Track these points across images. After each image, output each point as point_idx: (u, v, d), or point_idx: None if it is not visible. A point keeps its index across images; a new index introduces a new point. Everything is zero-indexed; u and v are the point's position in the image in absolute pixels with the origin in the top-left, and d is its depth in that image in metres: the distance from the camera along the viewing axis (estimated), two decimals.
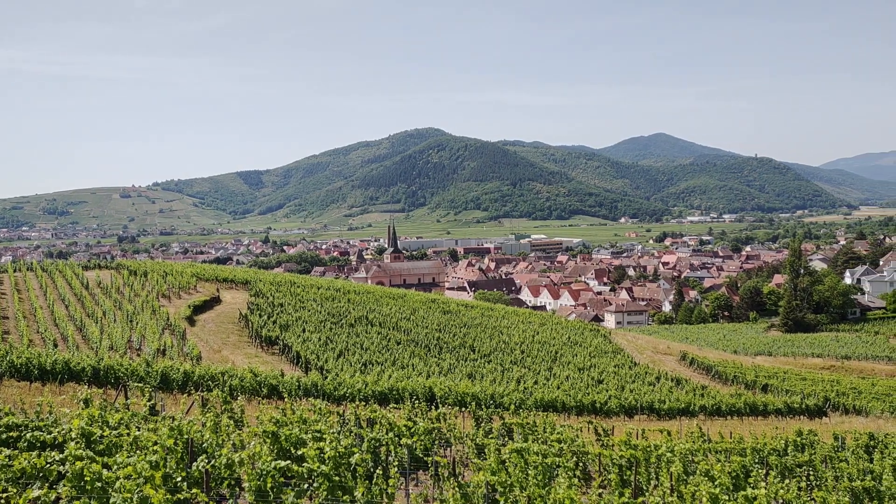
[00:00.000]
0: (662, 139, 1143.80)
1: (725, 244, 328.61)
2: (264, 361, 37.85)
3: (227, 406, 18.17)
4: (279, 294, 56.19)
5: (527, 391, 36.49)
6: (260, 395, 27.49)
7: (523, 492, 10.60)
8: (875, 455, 22.14)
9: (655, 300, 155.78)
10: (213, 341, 41.34)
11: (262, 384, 27.95)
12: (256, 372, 28.68)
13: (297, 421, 14.26)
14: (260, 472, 9.49)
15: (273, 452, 11.60)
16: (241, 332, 44.61)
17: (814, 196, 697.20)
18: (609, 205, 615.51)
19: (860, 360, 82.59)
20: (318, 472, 9.58)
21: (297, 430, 12.28)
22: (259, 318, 46.06)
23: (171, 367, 27.28)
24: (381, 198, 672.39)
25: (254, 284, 59.31)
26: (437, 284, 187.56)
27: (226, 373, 28.00)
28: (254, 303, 51.53)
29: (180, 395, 26.29)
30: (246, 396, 26.95)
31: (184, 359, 33.71)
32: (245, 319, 46.01)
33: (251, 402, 26.06)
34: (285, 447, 11.55)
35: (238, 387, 27.21)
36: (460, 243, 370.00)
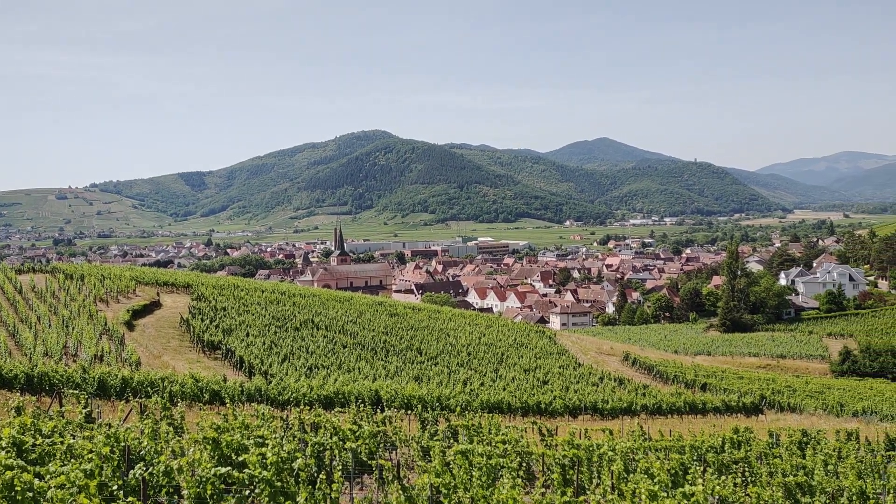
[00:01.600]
0: (606, 143, 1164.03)
1: (666, 247, 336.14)
2: (206, 367, 37.14)
3: (167, 412, 17.79)
4: (222, 298, 55.21)
5: (473, 393, 36.68)
6: (201, 400, 26.97)
7: (467, 493, 10.68)
8: (808, 451, 22.97)
9: (599, 302, 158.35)
10: (153, 346, 40.38)
11: (203, 390, 27.43)
12: (198, 377, 28.14)
13: (239, 427, 14.05)
14: (200, 478, 9.34)
15: (214, 459, 11.42)
16: (182, 337, 43.68)
17: (750, 200, 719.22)
18: (554, 208, 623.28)
19: (795, 359, 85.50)
20: (260, 478, 9.48)
21: (239, 436, 12.11)
22: (201, 322, 45.17)
23: (108, 373, 26.55)
24: (328, 200, 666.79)
25: (196, 288, 58.15)
26: (385, 287, 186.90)
27: (166, 378, 27.40)
28: (196, 307, 50.51)
29: (118, 401, 25.58)
30: (187, 403, 26.40)
31: (122, 365, 32.83)
32: (186, 324, 45.08)
33: (192, 409, 25.55)
34: (226, 453, 11.38)
35: (179, 393, 26.65)
36: (408, 246, 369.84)
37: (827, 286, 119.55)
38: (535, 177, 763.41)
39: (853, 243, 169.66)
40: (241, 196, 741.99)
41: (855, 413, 47.14)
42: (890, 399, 55.72)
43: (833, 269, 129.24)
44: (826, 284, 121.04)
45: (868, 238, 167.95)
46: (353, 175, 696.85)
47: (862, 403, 50.55)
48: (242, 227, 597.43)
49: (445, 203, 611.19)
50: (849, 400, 52.20)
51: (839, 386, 63.16)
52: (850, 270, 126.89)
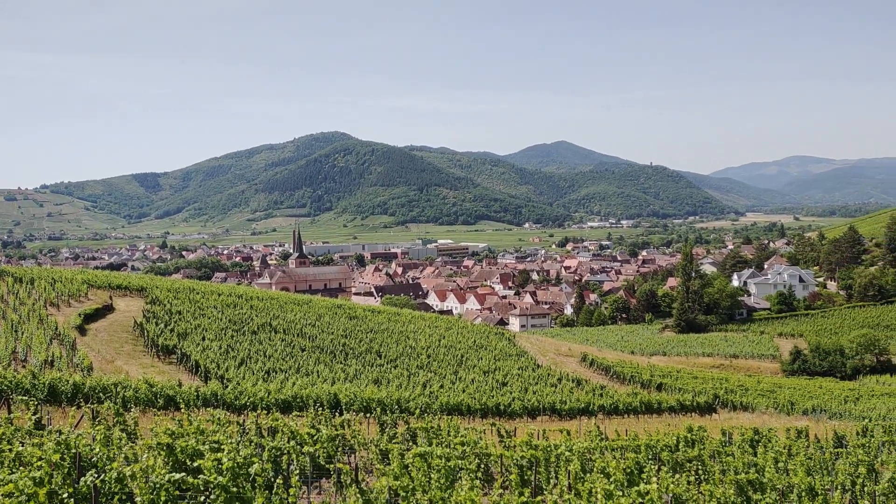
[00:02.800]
0: (564, 147, 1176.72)
1: (623, 249, 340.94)
2: (161, 371, 36.48)
3: (120, 418, 17.44)
4: (177, 301, 54.29)
5: (432, 395, 36.70)
6: (156, 406, 26.49)
7: (425, 495, 10.69)
8: (759, 449, 23.49)
9: (558, 303, 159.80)
10: (105, 351, 39.50)
11: (157, 395, 26.94)
12: (152, 382, 27.63)
13: (195, 432, 13.84)
14: (153, 485, 9.19)
15: (168, 465, 11.24)
16: (136, 342, 42.82)
17: (704, 203, 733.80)
18: (514, 210, 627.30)
19: (747, 358, 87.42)
20: (216, 484, 9.36)
21: (194, 442, 11.94)
22: (155, 326, 44.36)
23: (59, 378, 25.91)
24: (286, 202, 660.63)
25: (150, 291, 57.08)
26: (344, 290, 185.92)
27: (119, 384, 26.84)
28: (150, 310, 49.57)
29: (69, 408, 24.97)
30: (140, 408, 25.90)
31: (74, 370, 32.06)
32: (140, 328, 44.22)
33: (146, 414, 25.08)
34: (181, 459, 11.21)
35: (132, 398, 26.13)
36: (367, 248, 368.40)
37: (778, 287, 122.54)
38: (495, 179, 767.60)
39: (803, 245, 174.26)
40: (196, 198, 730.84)
41: (805, 411, 48.36)
42: (838, 397, 57.30)
43: (784, 270, 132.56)
44: (777, 286, 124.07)
45: (817, 240, 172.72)
46: (311, 177, 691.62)
47: (811, 402, 51.88)
48: (198, 229, 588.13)
49: (405, 205, 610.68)
50: (799, 398, 53.53)
51: (790, 385, 64.71)
52: (800, 272, 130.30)
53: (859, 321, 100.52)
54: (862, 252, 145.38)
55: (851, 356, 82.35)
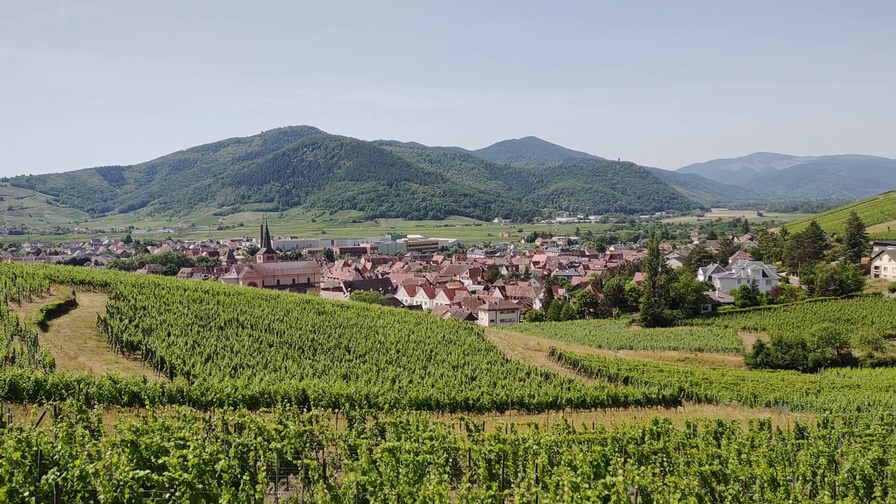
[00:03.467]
0: (533, 142, 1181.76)
1: (591, 244, 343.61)
2: (125, 368, 35.94)
3: (83, 415, 17.16)
4: (142, 297, 53.50)
5: (402, 390, 36.68)
6: (120, 403, 26.11)
7: (394, 490, 10.70)
8: (723, 441, 23.90)
9: (527, 298, 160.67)
10: (68, 347, 38.80)
11: (122, 391, 26.56)
12: (116, 379, 27.22)
13: (160, 429, 13.69)
14: (117, 482, 9.06)
15: (132, 462, 11.10)
16: (99, 338, 42.12)
17: (671, 199, 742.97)
18: (483, 205, 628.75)
19: (711, 352, 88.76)
20: (181, 481, 9.27)
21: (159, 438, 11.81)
22: (120, 321, 43.67)
23: (20, 375, 25.41)
24: (254, 196, 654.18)
25: (114, 287, 56.15)
26: (313, 285, 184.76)
27: (82, 380, 26.40)
28: (114, 306, 48.78)
29: (31, 405, 24.51)
30: (104, 405, 25.51)
31: (35, 366, 31.44)
32: (104, 324, 43.49)
33: (110, 411, 24.71)
34: (146, 456, 11.08)
35: (95, 395, 25.72)
36: (336, 243, 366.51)
37: (742, 282, 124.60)
38: (464, 174, 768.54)
39: (766, 241, 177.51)
40: (162, 192, 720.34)
41: (767, 403, 49.27)
42: (800, 389, 58.49)
43: (747, 265, 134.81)
44: (741, 280, 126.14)
45: (780, 236, 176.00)
46: (279, 171, 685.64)
47: (774, 394, 52.89)
48: (164, 223, 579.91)
49: (375, 200, 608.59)
50: (762, 391, 54.54)
51: (753, 377, 65.87)
52: (763, 267, 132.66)
53: (820, 315, 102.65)
54: (823, 247, 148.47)
55: (813, 349, 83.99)
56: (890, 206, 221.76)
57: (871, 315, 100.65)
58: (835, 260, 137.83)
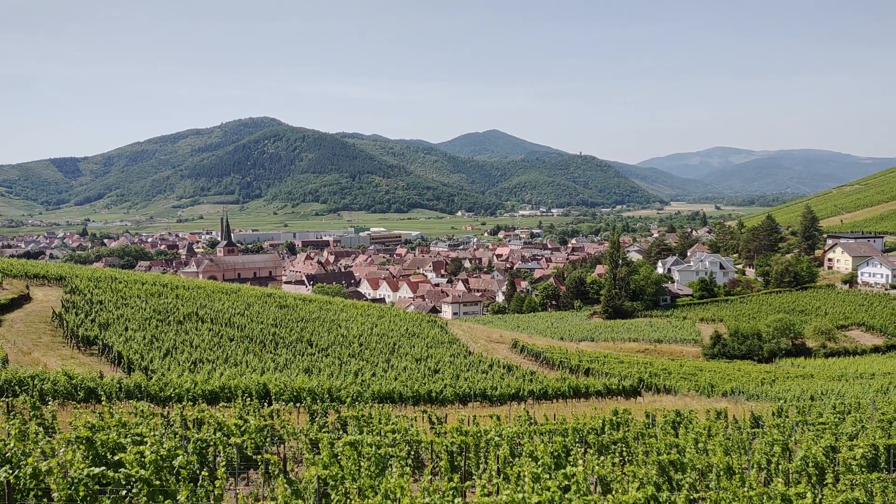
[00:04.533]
0: (496, 136, 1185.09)
1: (554, 237, 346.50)
2: (82, 363, 35.21)
3: (37, 412, 16.78)
4: (98, 291, 52.42)
5: (364, 384, 36.57)
6: (76, 399, 25.60)
7: (355, 483, 10.67)
8: (681, 430, 24.33)
9: (490, 291, 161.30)
10: (22, 343, 37.87)
11: (78, 387, 26.03)
12: (72, 374, 26.66)
13: (116, 425, 13.45)
14: (71, 480, 8.89)
15: (88, 459, 10.89)
16: (54, 333, 41.19)
17: (631, 192, 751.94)
18: (446, 198, 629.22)
19: (670, 343, 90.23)
20: (138, 478, 9.13)
21: (116, 435, 11.61)
22: (75, 316, 42.75)
23: None
24: (214, 189, 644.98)
25: (70, 280, 54.93)
26: (274, 278, 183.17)
27: (36, 376, 25.81)
28: (69, 300, 47.73)
29: None
30: (59, 401, 24.97)
31: None
32: (59, 318, 42.54)
33: (65, 408, 24.20)
34: (101, 453, 10.88)
35: (50, 391, 25.17)
36: (298, 236, 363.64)
37: (700, 274, 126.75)
38: (428, 167, 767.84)
39: (723, 234, 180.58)
40: (119, 184, 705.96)
41: (724, 393, 50.25)
42: (756, 379, 59.74)
43: (705, 258, 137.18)
44: (699, 272, 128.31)
45: (737, 229, 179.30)
46: (240, 163, 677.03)
47: (730, 384, 53.94)
48: (121, 216, 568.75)
49: (337, 193, 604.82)
50: (719, 381, 55.58)
51: (710, 368, 67.10)
52: (720, 259, 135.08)
53: (776, 306, 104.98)
54: (779, 240, 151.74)
55: (768, 340, 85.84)
56: (843, 200, 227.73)
57: (824, 306, 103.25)
58: (789, 252, 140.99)
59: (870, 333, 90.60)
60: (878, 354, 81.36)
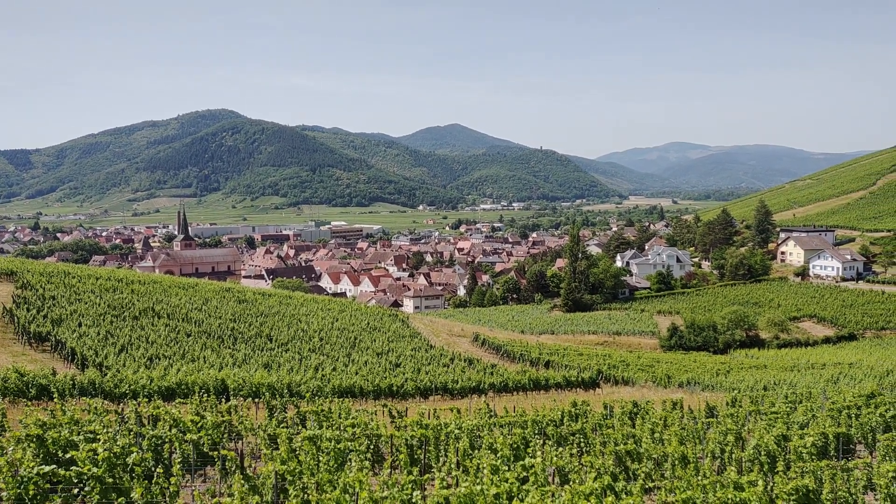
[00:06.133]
0: (458, 130, 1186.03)
1: (515, 231, 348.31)
2: (33, 360, 34.37)
3: None
4: (51, 286, 51.17)
5: (325, 378, 36.39)
6: (27, 396, 25.00)
7: (313, 478, 10.63)
8: (637, 421, 24.74)
9: (451, 285, 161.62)
10: None
11: (29, 384, 25.41)
12: (23, 371, 26.02)
13: (69, 422, 13.17)
14: (21, 479, 8.69)
15: (38, 457, 10.66)
16: (5, 329, 40.11)
17: (591, 186, 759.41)
18: (408, 192, 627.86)
19: (629, 335, 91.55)
20: (90, 476, 8.96)
21: (67, 433, 11.38)
22: (27, 312, 41.69)
23: None
24: (170, 181, 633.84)
25: (21, 275, 53.49)
26: (233, 273, 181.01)
27: None
28: (20, 296, 46.51)
29: None
30: (10, 399, 24.39)
31: None
32: (10, 314, 41.43)
33: (16, 405, 23.64)
34: (53, 451, 10.66)
35: (0, 388, 24.54)
36: (258, 230, 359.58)
37: (657, 267, 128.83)
38: (389, 161, 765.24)
39: (680, 227, 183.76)
40: (72, 176, 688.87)
41: (680, 384, 51.17)
42: (711, 370, 60.95)
43: (663, 251, 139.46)
44: (656, 266, 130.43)
45: (693, 223, 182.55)
46: (197, 156, 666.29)
47: (686, 375, 54.94)
48: (74, 209, 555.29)
49: (297, 186, 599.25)
50: (675, 372, 56.58)
51: (667, 359, 68.25)
52: (677, 252, 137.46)
53: (730, 298, 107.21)
54: (733, 234, 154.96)
55: (723, 332, 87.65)
56: (796, 195, 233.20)
57: (777, 298, 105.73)
58: (744, 246, 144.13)
59: (821, 325, 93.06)
60: (828, 345, 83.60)
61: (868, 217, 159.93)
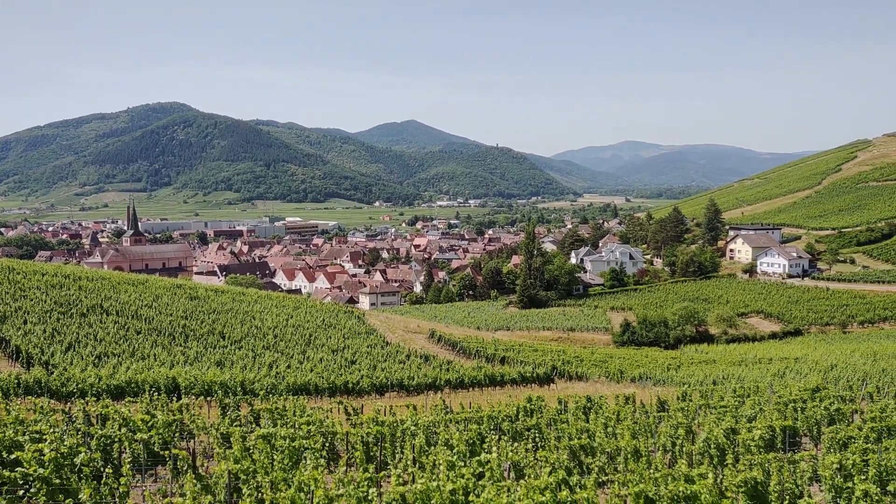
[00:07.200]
0: (414, 126, 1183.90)
1: (471, 228, 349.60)
2: None
3: None
4: None
5: (279, 376, 36.03)
6: None
7: (267, 476, 10.52)
8: (591, 415, 25.05)
9: (408, 281, 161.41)
10: None
11: None
12: None
13: (13, 422, 12.79)
14: None
15: None
16: None
17: (546, 184, 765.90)
18: (364, 188, 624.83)
19: (583, 331, 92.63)
20: (36, 476, 8.72)
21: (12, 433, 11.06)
22: None
23: None
24: (120, 176, 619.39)
25: None
26: (185, 269, 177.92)
27: None
28: None
29: None
30: None
31: None
32: None
33: None
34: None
35: None
36: (210, 226, 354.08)
37: (611, 264, 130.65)
38: (345, 157, 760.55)
39: (633, 225, 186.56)
40: (17, 170, 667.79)
41: (633, 379, 51.96)
42: (662, 365, 62.00)
43: (616, 248, 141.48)
44: (610, 263, 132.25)
45: (645, 220, 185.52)
46: (148, 149, 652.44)
47: (639, 370, 55.81)
48: (19, 203, 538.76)
49: (251, 181, 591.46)
50: (628, 367, 57.42)
51: (620, 355, 69.22)
52: (630, 250, 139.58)
53: (681, 295, 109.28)
54: (684, 231, 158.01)
55: (674, 327, 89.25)
56: (744, 193, 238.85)
57: (725, 295, 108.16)
58: (694, 243, 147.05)
59: (768, 320, 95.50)
60: (775, 340, 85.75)
61: (813, 216, 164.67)
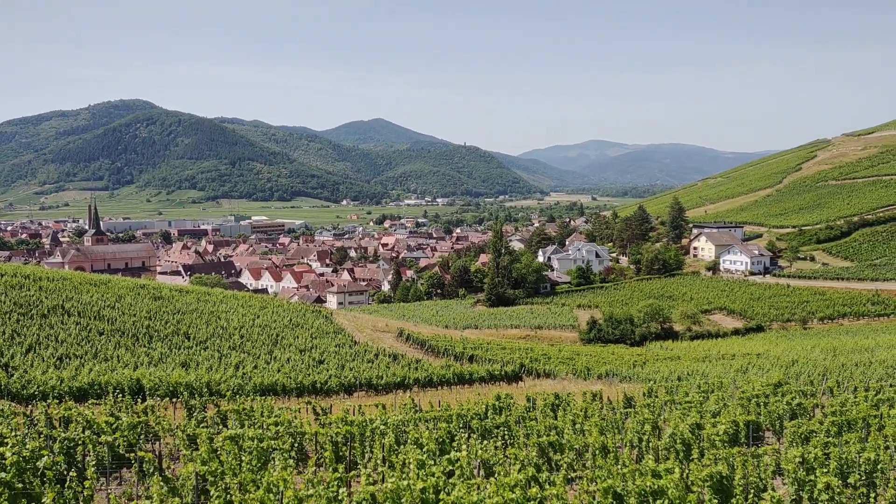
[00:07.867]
0: (382, 125, 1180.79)
1: (439, 226, 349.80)
2: None
3: None
4: None
5: (246, 376, 35.68)
6: None
7: (235, 478, 10.41)
8: (559, 412, 25.22)
9: (376, 280, 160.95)
10: None
11: None
12: None
13: None
14: None
15: None
16: None
17: (513, 183, 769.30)
18: (331, 187, 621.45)
19: (550, 329, 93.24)
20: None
21: None
22: None
23: None
24: (81, 174, 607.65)
25: None
26: (148, 269, 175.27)
27: None
28: None
29: None
30: None
31: None
32: None
33: None
34: None
35: None
36: (174, 225, 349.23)
37: (577, 262, 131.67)
38: (312, 155, 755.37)
39: (599, 223, 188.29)
40: None
41: (599, 376, 52.46)
42: (628, 362, 62.66)
43: (582, 247, 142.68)
44: (577, 261, 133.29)
45: (611, 219, 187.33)
46: (110, 147, 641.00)
47: (605, 367, 56.33)
48: None
49: (216, 180, 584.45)
50: (594, 364, 57.93)
51: (587, 352, 69.80)
52: (596, 248, 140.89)
53: (646, 292, 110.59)
54: (649, 229, 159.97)
55: (640, 324, 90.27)
56: (707, 192, 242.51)
57: (690, 292, 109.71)
58: (659, 241, 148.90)
59: (731, 317, 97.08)
60: (738, 337, 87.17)
61: (775, 214, 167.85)
